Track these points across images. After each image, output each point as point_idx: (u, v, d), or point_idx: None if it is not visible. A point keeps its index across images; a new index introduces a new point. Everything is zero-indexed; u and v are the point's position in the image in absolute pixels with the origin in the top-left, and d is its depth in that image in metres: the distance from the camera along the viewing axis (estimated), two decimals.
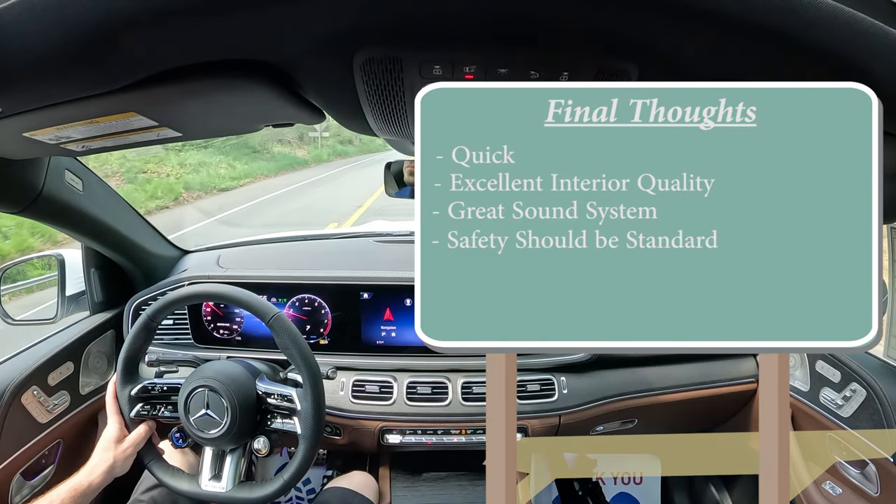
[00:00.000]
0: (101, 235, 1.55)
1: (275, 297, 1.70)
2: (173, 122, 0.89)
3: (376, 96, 0.78)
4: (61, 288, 1.65)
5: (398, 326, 1.69)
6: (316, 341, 1.71)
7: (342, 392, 1.60)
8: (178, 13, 0.54)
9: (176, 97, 0.77)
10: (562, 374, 1.62)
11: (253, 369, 1.32)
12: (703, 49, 0.62)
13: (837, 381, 1.40)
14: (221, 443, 1.26)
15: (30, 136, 0.87)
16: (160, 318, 1.33)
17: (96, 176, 1.44)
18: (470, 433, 1.59)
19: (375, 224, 2.41)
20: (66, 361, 1.52)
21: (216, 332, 1.73)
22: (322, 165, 23.54)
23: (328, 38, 0.64)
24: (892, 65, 0.57)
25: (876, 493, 1.28)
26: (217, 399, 1.23)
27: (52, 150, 0.98)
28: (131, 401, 1.30)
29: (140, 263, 1.75)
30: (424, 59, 0.68)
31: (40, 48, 0.57)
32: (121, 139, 0.94)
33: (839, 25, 0.53)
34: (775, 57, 0.60)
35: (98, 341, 1.65)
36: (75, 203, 1.36)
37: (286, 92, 0.80)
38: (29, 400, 1.39)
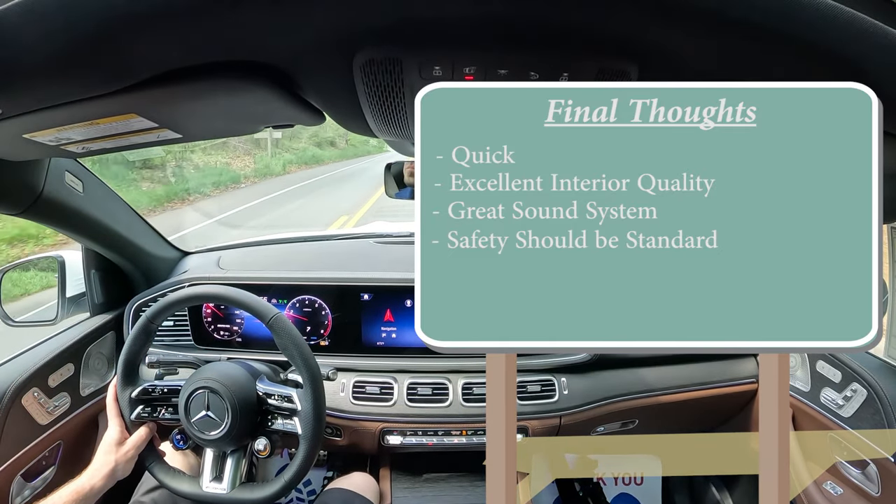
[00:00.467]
0: (102, 237, 1.55)
1: (275, 298, 1.70)
2: (174, 124, 0.90)
3: (376, 97, 0.79)
4: (61, 289, 1.65)
5: (399, 327, 1.69)
6: (316, 342, 1.71)
7: (343, 393, 1.60)
8: (179, 14, 0.54)
9: (176, 98, 0.77)
10: (562, 374, 1.62)
11: (253, 370, 1.32)
12: (703, 49, 0.62)
13: (838, 381, 1.40)
14: (222, 444, 1.26)
15: (30, 138, 0.87)
16: (159, 321, 1.33)
17: (96, 177, 1.44)
18: (471, 434, 1.59)
19: (376, 225, 2.41)
20: (66, 363, 1.51)
21: (217, 333, 1.73)
22: (270, 181, 16.02)
23: (328, 39, 0.64)
24: (892, 65, 0.57)
25: (877, 493, 1.28)
26: (217, 400, 1.23)
27: (52, 152, 0.99)
28: (132, 403, 1.30)
29: (140, 265, 1.75)
30: (424, 60, 0.68)
31: (41, 49, 0.57)
32: (121, 140, 0.94)
33: (838, 25, 0.53)
34: (775, 57, 0.60)
35: (98, 343, 1.65)
36: (75, 204, 1.36)
37: (286, 93, 0.80)
38: (29, 401, 1.39)
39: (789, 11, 0.52)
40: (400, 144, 1.26)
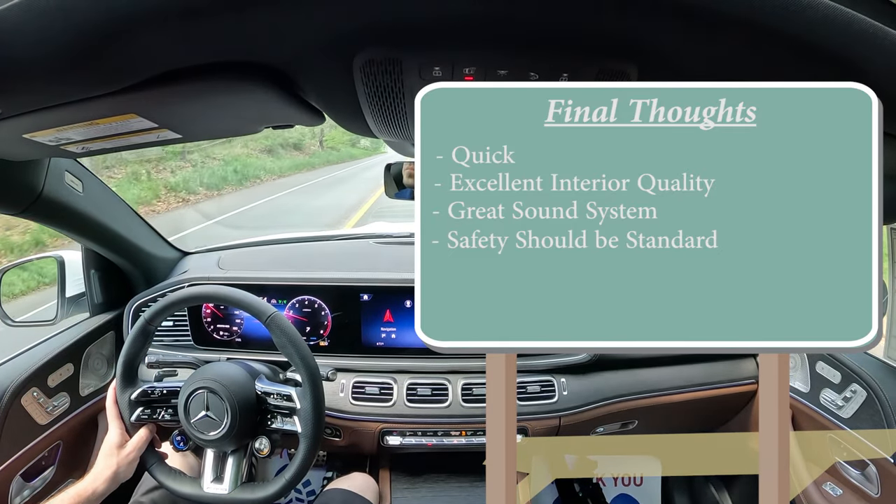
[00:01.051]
0: (101, 237, 1.55)
1: (275, 298, 1.69)
2: (173, 124, 0.90)
3: (376, 98, 0.79)
4: (61, 289, 1.65)
5: (398, 328, 1.69)
6: (316, 343, 1.70)
7: (342, 394, 1.60)
8: (179, 14, 0.54)
9: (176, 99, 0.77)
10: (562, 375, 1.62)
11: (252, 370, 1.32)
12: (702, 50, 0.62)
13: (838, 382, 1.40)
14: (222, 444, 1.26)
15: (30, 138, 0.87)
16: (158, 322, 1.33)
17: (96, 177, 1.44)
18: (470, 434, 1.59)
19: (375, 226, 2.41)
20: (65, 363, 1.51)
21: (216, 333, 1.73)
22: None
23: (328, 39, 0.64)
24: (891, 65, 0.57)
25: (876, 494, 1.28)
26: (217, 400, 1.23)
27: (51, 152, 0.99)
28: (131, 405, 1.30)
29: (140, 265, 1.75)
30: (424, 61, 0.68)
31: (41, 50, 0.57)
32: (121, 141, 0.94)
33: (837, 26, 0.53)
34: (774, 58, 0.60)
35: (98, 343, 1.65)
36: (75, 204, 1.36)
37: (286, 93, 0.80)
38: (29, 401, 1.39)
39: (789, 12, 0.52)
40: (400, 145, 1.26)
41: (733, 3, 0.52)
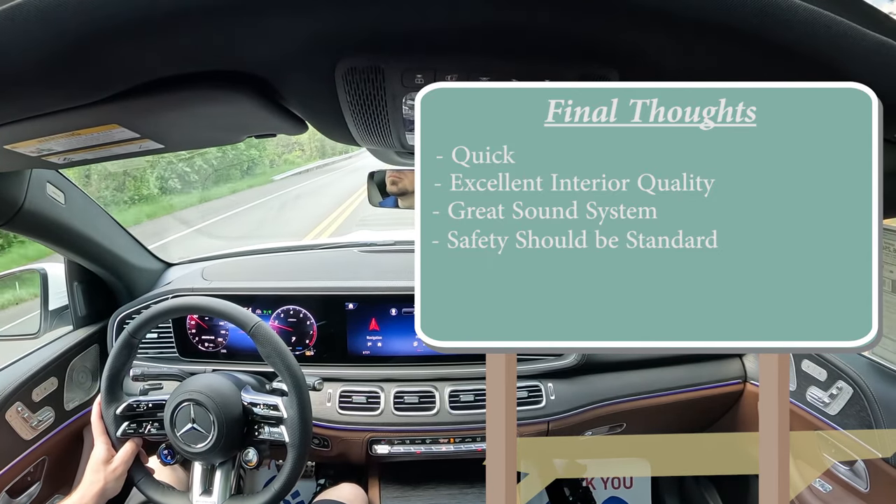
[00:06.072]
0: (84, 249, 1.54)
1: (260, 308, 1.69)
2: (155, 134, 0.89)
3: (358, 106, 0.79)
4: (44, 302, 1.63)
5: (384, 336, 1.68)
6: (302, 353, 1.70)
7: (329, 403, 1.59)
8: (158, 25, 0.54)
9: (157, 108, 0.76)
10: (549, 380, 1.63)
11: (238, 381, 1.31)
12: (683, 53, 0.63)
13: (823, 379, 1.42)
14: (210, 457, 1.25)
15: (10, 149, 0.87)
16: (141, 335, 1.32)
17: (79, 189, 1.43)
18: (458, 441, 1.59)
19: (359, 234, 2.41)
20: (50, 377, 1.50)
21: (201, 345, 1.72)
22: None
23: (309, 48, 0.64)
24: (870, 67, 0.58)
25: (866, 490, 1.29)
26: (203, 412, 1.22)
27: (33, 163, 0.98)
28: (117, 420, 1.29)
29: (123, 277, 1.73)
30: (406, 69, 0.68)
31: (20, 59, 0.57)
32: (103, 151, 0.93)
33: (817, 29, 0.54)
34: (754, 61, 0.61)
35: (82, 356, 1.63)
36: (57, 216, 1.35)
37: (268, 102, 0.80)
38: (13, 416, 1.37)
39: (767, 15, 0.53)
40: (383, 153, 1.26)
41: (711, 8, 0.53)
